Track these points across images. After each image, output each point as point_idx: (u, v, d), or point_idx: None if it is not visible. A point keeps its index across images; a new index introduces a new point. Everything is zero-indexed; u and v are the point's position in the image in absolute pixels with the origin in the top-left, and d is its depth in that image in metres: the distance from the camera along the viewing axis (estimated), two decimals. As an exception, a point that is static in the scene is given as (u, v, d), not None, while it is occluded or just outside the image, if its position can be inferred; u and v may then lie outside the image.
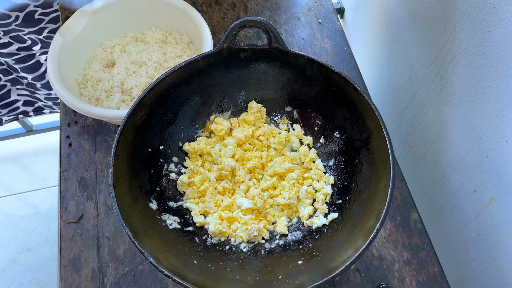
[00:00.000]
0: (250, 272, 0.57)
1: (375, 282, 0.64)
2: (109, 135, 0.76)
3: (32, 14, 0.98)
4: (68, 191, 0.71)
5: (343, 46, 0.87)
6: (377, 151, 0.59)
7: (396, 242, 0.67)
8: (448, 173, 0.73)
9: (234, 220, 0.64)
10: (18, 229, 1.46)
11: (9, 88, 1.17)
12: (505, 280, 0.62)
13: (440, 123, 0.72)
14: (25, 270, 1.39)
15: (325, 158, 0.69)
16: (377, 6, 0.91)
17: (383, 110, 0.95)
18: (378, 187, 0.56)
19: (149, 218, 0.59)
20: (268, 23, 0.61)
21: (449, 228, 0.75)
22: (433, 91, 0.73)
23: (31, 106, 1.27)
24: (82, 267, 0.65)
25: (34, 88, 1.21)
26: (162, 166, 0.66)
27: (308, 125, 0.71)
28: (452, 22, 0.62)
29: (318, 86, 0.66)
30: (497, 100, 0.56)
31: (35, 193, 1.54)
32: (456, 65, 0.64)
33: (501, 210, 0.60)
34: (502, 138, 0.57)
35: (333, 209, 0.64)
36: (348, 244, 0.54)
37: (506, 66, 0.53)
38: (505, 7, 0.51)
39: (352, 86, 0.61)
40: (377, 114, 0.59)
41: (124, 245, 0.66)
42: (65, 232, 0.68)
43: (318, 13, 0.92)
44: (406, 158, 0.88)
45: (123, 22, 0.84)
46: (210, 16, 0.91)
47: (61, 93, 0.68)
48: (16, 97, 1.20)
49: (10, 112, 1.25)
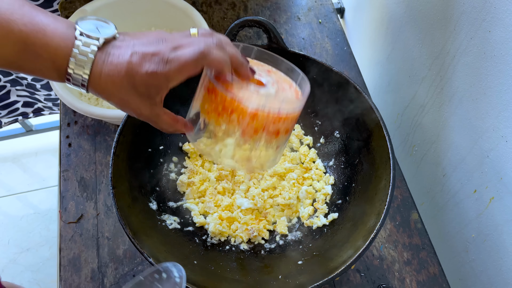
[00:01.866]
0: (250, 272, 0.57)
1: (375, 282, 0.63)
2: (109, 135, 0.76)
3: (31, 14, 0.97)
4: (68, 191, 0.71)
5: (343, 46, 0.87)
6: (377, 151, 0.59)
7: (396, 242, 0.67)
8: (448, 173, 0.73)
9: (234, 220, 0.64)
10: (18, 229, 1.46)
11: (8, 89, 1.16)
12: (506, 281, 0.62)
13: (441, 123, 0.72)
14: (25, 270, 1.39)
15: (325, 158, 0.69)
16: (377, 6, 0.91)
17: (383, 110, 0.95)
18: (378, 187, 0.56)
19: (149, 218, 0.59)
20: (268, 23, 0.61)
21: (450, 228, 0.75)
22: (433, 91, 0.72)
23: (31, 107, 1.27)
24: (82, 267, 0.65)
25: (34, 89, 1.21)
26: (162, 166, 0.66)
27: (308, 125, 0.71)
28: (453, 22, 0.62)
29: (318, 86, 0.66)
30: (497, 100, 0.56)
31: (34, 193, 1.54)
32: (457, 65, 0.64)
33: (502, 210, 0.60)
34: (503, 138, 0.57)
35: (333, 209, 0.64)
36: (348, 244, 0.54)
37: (506, 66, 0.53)
38: (505, 7, 0.51)
39: (352, 86, 0.61)
40: (377, 114, 0.59)
41: (124, 245, 0.66)
42: (64, 232, 0.68)
43: (318, 12, 0.92)
44: (406, 158, 0.88)
45: (123, 22, 0.83)
46: (210, 16, 0.91)
47: (61, 93, 0.68)
48: (15, 98, 1.20)
49: (10, 113, 1.24)
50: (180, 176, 0.66)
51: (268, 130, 0.45)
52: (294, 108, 0.46)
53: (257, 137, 0.45)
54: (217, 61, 0.40)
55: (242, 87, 0.44)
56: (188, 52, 0.39)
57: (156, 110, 0.42)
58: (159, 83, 0.39)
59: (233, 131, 0.45)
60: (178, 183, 0.66)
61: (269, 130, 0.45)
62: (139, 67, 0.38)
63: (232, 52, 0.42)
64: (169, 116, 0.45)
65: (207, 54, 0.39)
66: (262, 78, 0.48)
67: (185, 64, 0.39)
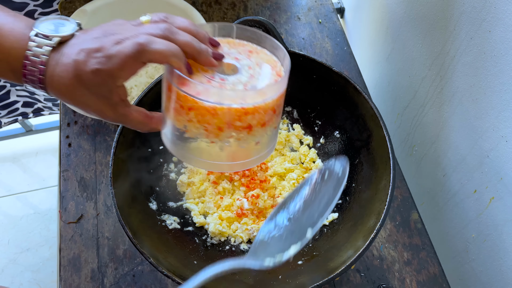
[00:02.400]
0: (250, 272, 0.57)
1: (375, 283, 0.63)
2: (109, 135, 0.76)
3: (31, 13, 0.98)
4: (68, 191, 0.71)
5: (343, 46, 0.87)
6: (377, 151, 0.59)
7: (396, 242, 0.67)
8: (448, 173, 0.72)
9: (234, 220, 0.64)
10: (18, 229, 1.46)
11: (8, 89, 1.16)
12: (506, 281, 0.62)
13: (441, 123, 0.72)
14: (25, 270, 1.39)
15: (325, 158, 0.69)
16: (377, 6, 0.91)
17: (383, 110, 0.95)
18: (378, 187, 0.56)
19: (149, 218, 0.59)
20: (268, 23, 0.61)
21: (450, 228, 0.75)
22: (433, 91, 0.72)
23: (31, 107, 1.27)
24: (82, 267, 0.65)
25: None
26: (162, 166, 0.66)
27: (308, 125, 0.71)
28: (453, 22, 0.62)
29: (318, 86, 0.66)
30: (497, 100, 0.56)
31: (34, 193, 1.54)
32: (457, 65, 0.64)
33: (502, 210, 0.60)
34: (503, 138, 0.57)
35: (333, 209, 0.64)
36: (348, 244, 0.54)
37: (506, 66, 0.53)
38: (505, 7, 0.51)
39: (352, 86, 0.61)
40: (377, 114, 0.59)
41: (124, 245, 0.66)
42: (64, 232, 0.68)
43: (318, 12, 0.92)
44: (406, 158, 0.88)
45: (122, 22, 0.84)
46: (210, 16, 0.91)
47: (61, 93, 0.68)
48: (15, 98, 1.20)
49: (10, 113, 1.24)
50: (180, 176, 0.66)
51: (235, 125, 0.40)
52: (264, 99, 0.40)
53: (224, 135, 0.40)
54: (159, 54, 0.36)
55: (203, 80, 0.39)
56: (127, 47, 0.35)
57: (120, 110, 0.39)
58: (105, 81, 0.36)
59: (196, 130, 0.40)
60: (178, 183, 0.66)
61: (236, 125, 0.40)
62: (84, 65, 0.35)
63: (184, 39, 0.38)
64: (140, 114, 0.41)
65: (146, 47, 0.35)
66: (236, 62, 0.43)
67: (125, 59, 0.35)
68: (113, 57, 0.35)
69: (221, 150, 0.42)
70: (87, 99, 0.37)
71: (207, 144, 0.41)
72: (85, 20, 0.77)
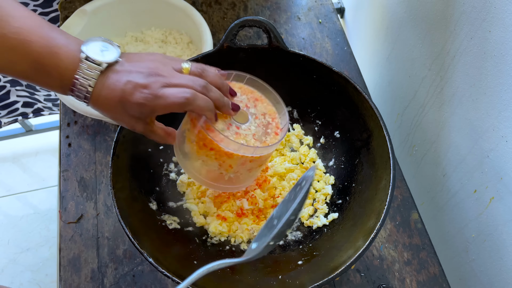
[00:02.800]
0: (250, 272, 0.57)
1: (375, 283, 0.63)
2: (109, 135, 0.76)
3: (31, 14, 0.97)
4: (68, 191, 0.71)
5: (343, 46, 0.87)
6: (377, 151, 0.59)
7: (396, 242, 0.67)
8: (448, 173, 0.72)
9: (234, 220, 0.63)
10: (18, 229, 1.46)
11: (8, 89, 1.16)
12: (506, 280, 0.62)
13: (441, 123, 0.72)
14: (25, 270, 1.39)
15: (325, 158, 0.69)
16: (378, 6, 0.91)
17: (384, 110, 0.95)
18: (378, 187, 0.56)
19: (149, 218, 0.59)
20: (268, 23, 0.61)
21: (450, 228, 0.75)
22: (433, 91, 0.72)
23: (31, 108, 1.27)
24: (82, 268, 0.65)
25: (34, 89, 1.21)
26: (162, 166, 0.66)
27: (308, 125, 0.71)
28: (453, 22, 0.62)
29: (318, 86, 0.66)
30: (497, 100, 0.56)
31: (34, 193, 1.54)
32: (457, 65, 0.64)
33: (502, 210, 0.60)
34: (503, 138, 0.57)
35: (333, 209, 0.64)
36: (348, 244, 0.54)
37: (506, 66, 0.53)
38: (505, 7, 0.51)
39: (352, 86, 0.61)
40: (377, 114, 0.59)
41: (124, 245, 0.66)
42: (64, 232, 0.68)
43: (318, 12, 0.92)
44: (406, 158, 0.88)
45: (123, 22, 0.83)
46: (210, 16, 0.91)
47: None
48: (15, 98, 1.20)
49: (10, 113, 1.24)
50: (180, 176, 0.66)
51: (243, 165, 0.52)
52: (268, 151, 0.53)
53: (232, 170, 0.53)
54: (200, 108, 0.46)
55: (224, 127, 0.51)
56: (175, 96, 0.44)
57: (148, 127, 0.48)
58: (146, 112, 0.44)
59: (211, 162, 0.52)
60: (178, 183, 0.66)
61: (244, 165, 0.52)
62: (130, 96, 0.43)
63: (215, 96, 0.48)
64: (162, 131, 0.50)
65: (192, 102, 0.44)
66: (247, 110, 0.54)
67: (171, 104, 0.44)
68: (160, 98, 0.43)
69: (225, 177, 0.54)
70: (124, 117, 0.45)
71: (217, 169, 0.53)
72: (85, 20, 0.77)
